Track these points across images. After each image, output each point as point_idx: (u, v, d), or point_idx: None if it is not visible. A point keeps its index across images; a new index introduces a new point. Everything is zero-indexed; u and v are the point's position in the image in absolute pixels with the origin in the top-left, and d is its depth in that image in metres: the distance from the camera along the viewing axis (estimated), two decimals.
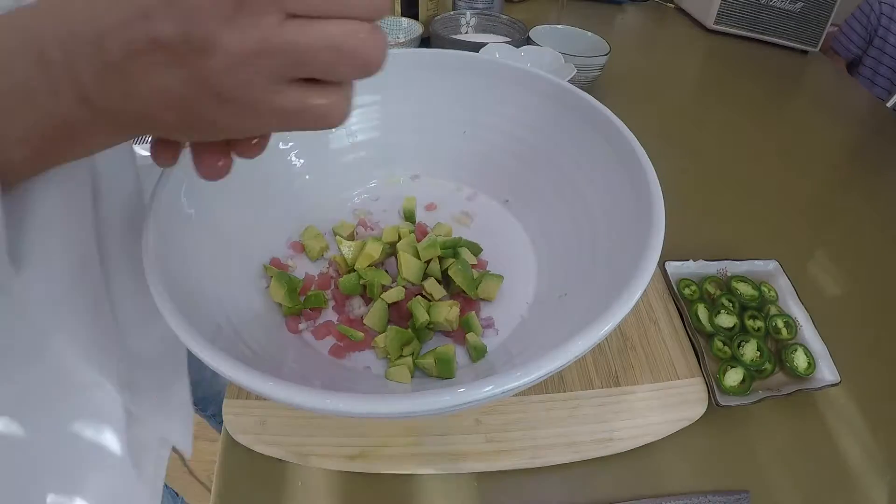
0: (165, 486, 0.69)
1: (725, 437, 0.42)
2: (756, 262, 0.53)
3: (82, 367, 0.32)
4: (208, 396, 0.81)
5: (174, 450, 0.43)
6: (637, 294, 0.28)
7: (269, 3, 0.18)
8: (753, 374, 0.44)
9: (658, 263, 0.31)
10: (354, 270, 0.42)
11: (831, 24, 1.07)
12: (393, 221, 0.48)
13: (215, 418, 0.85)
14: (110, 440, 0.35)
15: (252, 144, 0.25)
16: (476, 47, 0.73)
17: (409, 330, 0.39)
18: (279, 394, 0.24)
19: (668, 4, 1.28)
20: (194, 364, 0.35)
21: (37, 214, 0.28)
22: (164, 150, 0.25)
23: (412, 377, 0.36)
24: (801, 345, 0.46)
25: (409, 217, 0.47)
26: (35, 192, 0.27)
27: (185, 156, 0.35)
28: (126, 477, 0.37)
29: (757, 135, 0.83)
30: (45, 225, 0.28)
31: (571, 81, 0.57)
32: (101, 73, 0.19)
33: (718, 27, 1.13)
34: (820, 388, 0.43)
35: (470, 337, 0.38)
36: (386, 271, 0.42)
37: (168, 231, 0.32)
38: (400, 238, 0.44)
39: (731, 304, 0.49)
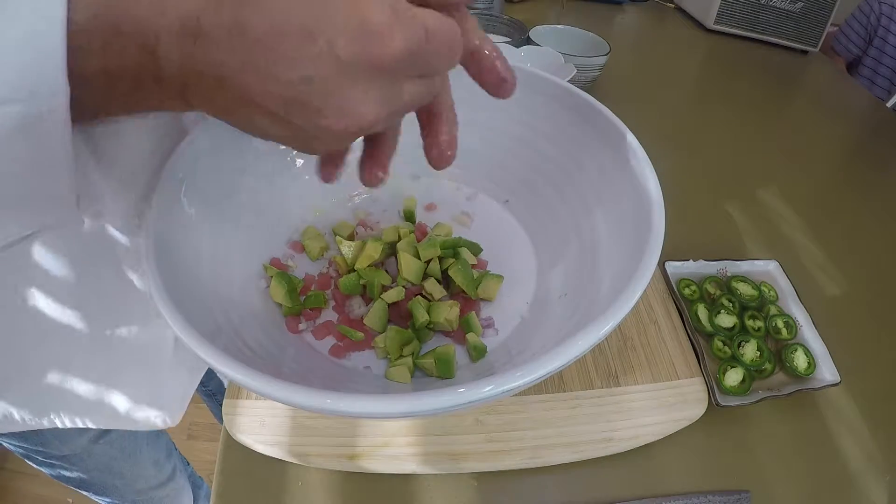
0: (178, 452, 0.71)
1: (725, 437, 0.42)
2: (756, 262, 0.53)
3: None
4: (209, 371, 0.83)
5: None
6: (637, 294, 0.28)
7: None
8: (753, 374, 0.44)
9: (658, 263, 0.31)
10: (354, 270, 0.42)
11: (831, 24, 1.07)
12: (393, 221, 0.48)
13: (215, 398, 0.85)
14: (157, 352, 0.44)
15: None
16: None
17: (409, 330, 0.39)
18: (279, 394, 0.24)
19: (668, 4, 1.28)
20: None
21: (129, 152, 0.32)
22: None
23: (412, 377, 0.36)
24: (801, 345, 0.46)
25: (409, 217, 0.47)
26: (128, 136, 0.32)
27: (185, 156, 0.35)
28: (162, 384, 0.47)
29: (757, 135, 0.83)
30: (135, 163, 0.32)
31: (571, 81, 0.57)
32: (211, 99, 0.21)
33: (718, 27, 1.13)
34: (820, 388, 0.43)
35: (470, 337, 0.38)
36: (386, 271, 0.42)
37: (168, 231, 0.32)
38: (400, 238, 0.44)
39: (731, 304, 0.49)
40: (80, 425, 0.45)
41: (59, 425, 0.44)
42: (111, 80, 0.20)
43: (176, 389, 0.50)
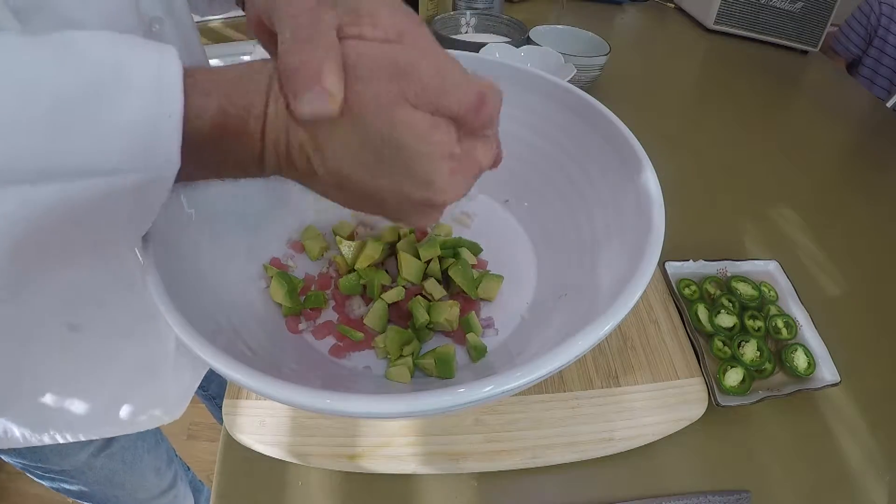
0: (178, 458, 0.72)
1: (725, 437, 0.42)
2: (756, 262, 0.53)
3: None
4: (209, 374, 0.83)
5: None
6: (637, 294, 0.28)
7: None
8: (753, 374, 0.44)
9: (658, 263, 0.31)
10: (354, 270, 0.42)
11: (831, 24, 1.07)
12: None
13: (215, 401, 0.85)
14: (160, 358, 0.46)
15: None
16: (476, 47, 0.73)
17: (409, 330, 0.39)
18: (279, 394, 0.24)
19: (668, 4, 1.28)
20: None
21: None
22: None
23: (412, 377, 0.36)
24: (801, 345, 0.46)
25: None
26: None
27: None
28: (165, 386, 0.48)
29: (757, 135, 0.83)
30: None
31: (571, 81, 0.57)
32: (295, 176, 0.25)
33: (718, 27, 1.13)
34: (820, 388, 0.43)
35: (470, 337, 0.38)
36: (386, 271, 0.42)
37: (168, 231, 0.32)
38: (400, 238, 0.44)
39: (731, 304, 0.49)
40: (83, 438, 0.45)
41: (61, 440, 0.44)
42: (225, 169, 0.24)
43: (178, 390, 0.50)
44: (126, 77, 0.19)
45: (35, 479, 0.55)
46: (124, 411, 0.45)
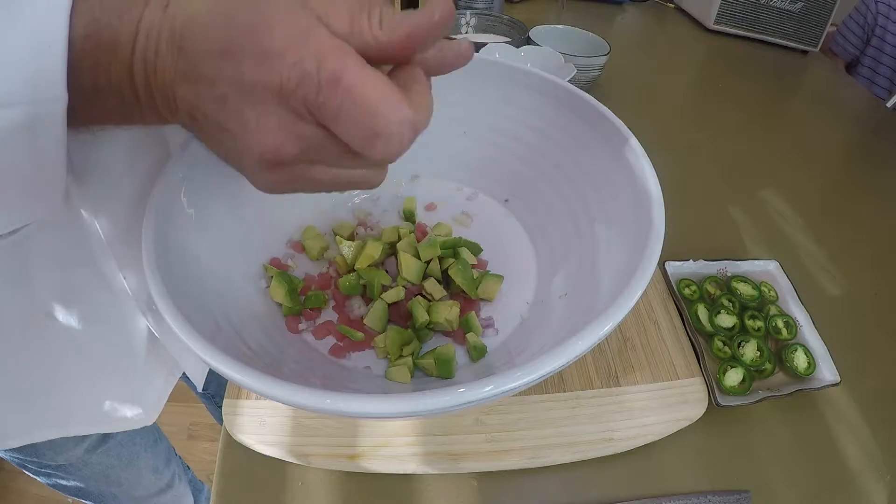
0: (178, 456, 0.71)
1: (725, 437, 0.42)
2: (756, 262, 0.53)
3: (121, 288, 0.38)
4: (208, 374, 0.82)
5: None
6: (637, 294, 0.28)
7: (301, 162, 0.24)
8: (753, 374, 0.44)
9: (658, 263, 0.31)
10: (354, 270, 0.42)
11: (831, 24, 1.07)
12: (393, 221, 0.48)
13: (214, 400, 0.85)
14: (130, 353, 0.43)
15: None
16: (476, 47, 0.73)
17: (409, 330, 0.39)
18: (279, 394, 0.24)
19: (668, 4, 1.28)
20: None
21: (114, 162, 0.33)
22: None
23: (412, 377, 0.36)
24: (801, 345, 0.46)
25: (409, 217, 0.47)
26: (113, 146, 0.33)
27: (184, 156, 0.35)
28: (136, 386, 0.45)
29: (757, 135, 0.83)
30: (121, 171, 0.34)
31: (571, 81, 0.57)
32: (174, 113, 0.23)
33: (718, 27, 1.13)
34: (820, 388, 0.43)
35: (470, 337, 0.38)
36: (386, 271, 0.42)
37: (168, 231, 0.32)
38: (400, 238, 0.44)
39: (731, 304, 0.49)
40: (53, 436, 0.44)
41: (39, 439, 0.43)
42: (102, 96, 0.22)
43: (152, 392, 0.48)
44: (15, 7, 0.19)
45: (31, 475, 0.55)
46: (95, 405, 0.44)
